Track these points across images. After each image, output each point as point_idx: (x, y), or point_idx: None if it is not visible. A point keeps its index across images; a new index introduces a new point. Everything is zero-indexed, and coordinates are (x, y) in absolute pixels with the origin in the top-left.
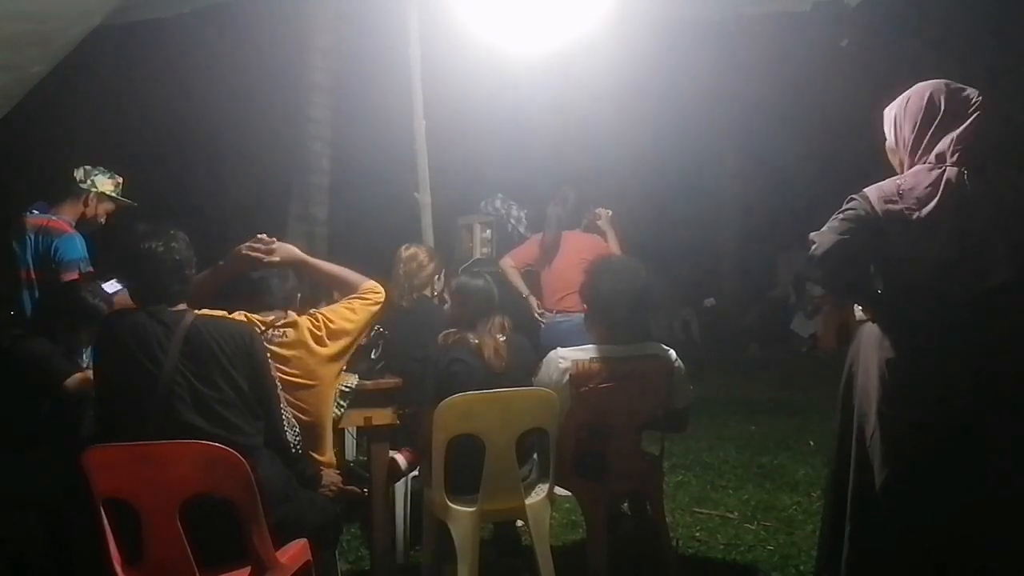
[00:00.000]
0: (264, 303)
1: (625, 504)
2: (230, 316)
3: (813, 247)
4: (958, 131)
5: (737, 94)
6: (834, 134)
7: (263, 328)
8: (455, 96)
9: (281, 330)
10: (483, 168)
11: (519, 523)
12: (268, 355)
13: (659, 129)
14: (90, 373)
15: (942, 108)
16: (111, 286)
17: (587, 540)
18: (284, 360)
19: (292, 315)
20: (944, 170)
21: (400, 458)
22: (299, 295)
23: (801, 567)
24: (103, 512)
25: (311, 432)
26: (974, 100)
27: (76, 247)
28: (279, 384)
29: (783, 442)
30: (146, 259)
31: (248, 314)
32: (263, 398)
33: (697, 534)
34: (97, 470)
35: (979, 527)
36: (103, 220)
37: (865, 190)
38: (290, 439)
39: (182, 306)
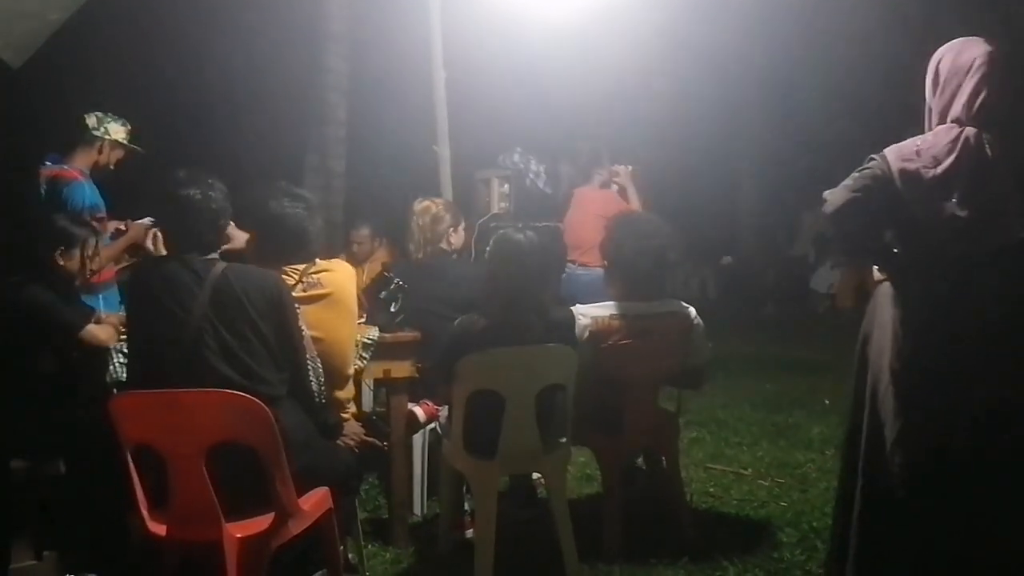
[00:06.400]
0: (311, 252)
1: (640, 459)
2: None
3: (826, 204)
4: (979, 90)
5: (760, 50)
6: (858, 91)
7: (296, 279)
8: (475, 47)
9: (315, 277)
10: (502, 121)
11: (535, 476)
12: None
13: (680, 85)
14: (105, 320)
15: (963, 67)
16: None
17: (602, 494)
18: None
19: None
20: (963, 130)
21: (419, 411)
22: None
23: (814, 523)
24: (130, 459)
25: (330, 373)
26: (998, 59)
27: (85, 194)
28: (304, 333)
29: (798, 400)
30: (183, 205)
31: (287, 267)
32: (289, 348)
33: (711, 490)
34: (124, 417)
35: (990, 479)
36: (112, 167)
37: (885, 150)
38: (314, 388)
39: (213, 255)
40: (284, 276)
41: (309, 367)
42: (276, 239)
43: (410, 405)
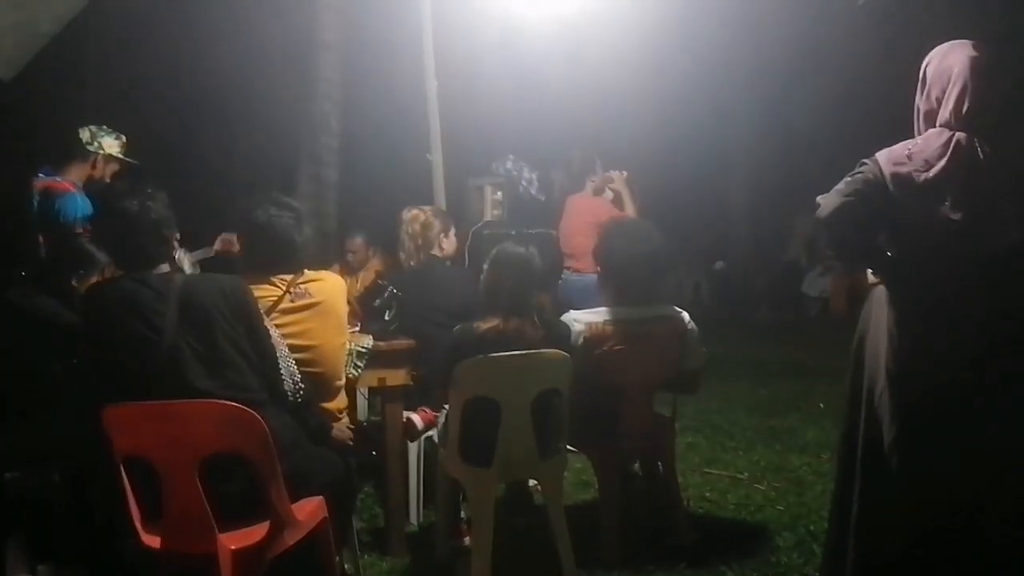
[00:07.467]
0: (298, 261)
1: (637, 464)
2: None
3: (819, 209)
4: (964, 95)
5: (751, 55)
6: (849, 95)
7: (284, 288)
8: (467, 56)
9: (303, 287)
10: (494, 129)
11: (532, 482)
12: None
13: (672, 90)
14: None
15: (948, 72)
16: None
17: (599, 500)
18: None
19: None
20: (954, 134)
21: (416, 418)
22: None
23: (811, 527)
24: (122, 470)
25: (321, 385)
26: (987, 62)
27: (77, 205)
28: (274, 334)
29: (793, 404)
30: (121, 219)
31: (274, 278)
32: (260, 348)
33: (707, 494)
34: (116, 428)
35: (986, 484)
36: (108, 180)
37: (877, 154)
38: (288, 388)
39: (164, 268)
40: (272, 286)
41: (281, 366)
42: (263, 248)
43: (408, 413)
